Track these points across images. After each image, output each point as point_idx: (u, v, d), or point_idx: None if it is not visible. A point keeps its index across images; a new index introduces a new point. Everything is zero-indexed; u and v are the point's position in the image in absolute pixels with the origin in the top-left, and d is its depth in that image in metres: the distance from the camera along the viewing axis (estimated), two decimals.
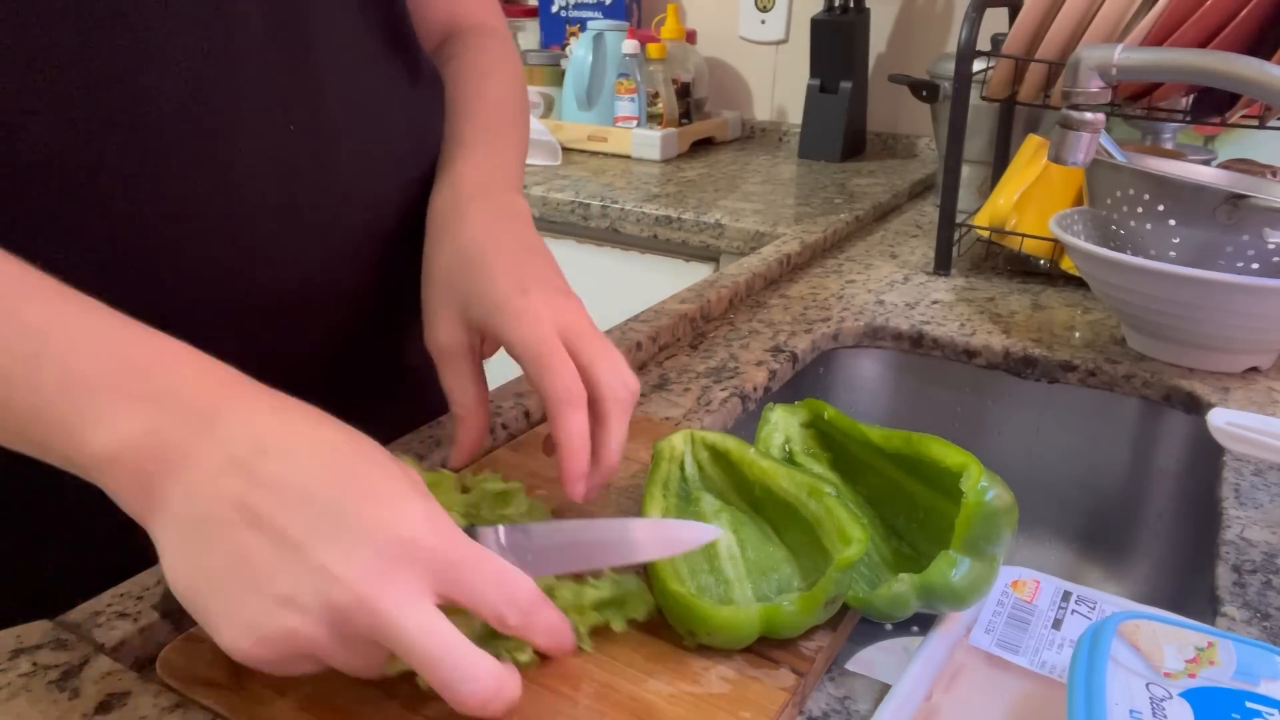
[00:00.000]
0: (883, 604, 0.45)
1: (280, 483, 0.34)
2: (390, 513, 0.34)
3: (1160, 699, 0.36)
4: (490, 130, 0.61)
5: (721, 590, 0.47)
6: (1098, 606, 0.49)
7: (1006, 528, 0.45)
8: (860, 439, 0.53)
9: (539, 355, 0.46)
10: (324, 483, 0.34)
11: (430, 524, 0.35)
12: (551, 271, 0.52)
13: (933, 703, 0.43)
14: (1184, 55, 0.69)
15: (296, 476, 0.34)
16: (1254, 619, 0.49)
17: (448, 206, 0.55)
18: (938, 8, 1.69)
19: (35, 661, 0.41)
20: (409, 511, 0.34)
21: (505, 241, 0.52)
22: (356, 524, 0.33)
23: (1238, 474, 0.63)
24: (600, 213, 1.33)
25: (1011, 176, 1.05)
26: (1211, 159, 1.12)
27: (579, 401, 0.46)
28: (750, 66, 1.87)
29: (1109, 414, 0.81)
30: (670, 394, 0.73)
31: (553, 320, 0.47)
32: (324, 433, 0.37)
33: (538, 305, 0.48)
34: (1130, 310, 0.80)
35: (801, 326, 0.88)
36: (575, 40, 1.74)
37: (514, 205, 0.57)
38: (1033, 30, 0.94)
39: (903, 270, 1.06)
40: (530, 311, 0.47)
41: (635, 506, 0.55)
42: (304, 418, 0.37)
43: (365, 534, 0.33)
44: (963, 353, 0.86)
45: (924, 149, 1.74)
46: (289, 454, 0.35)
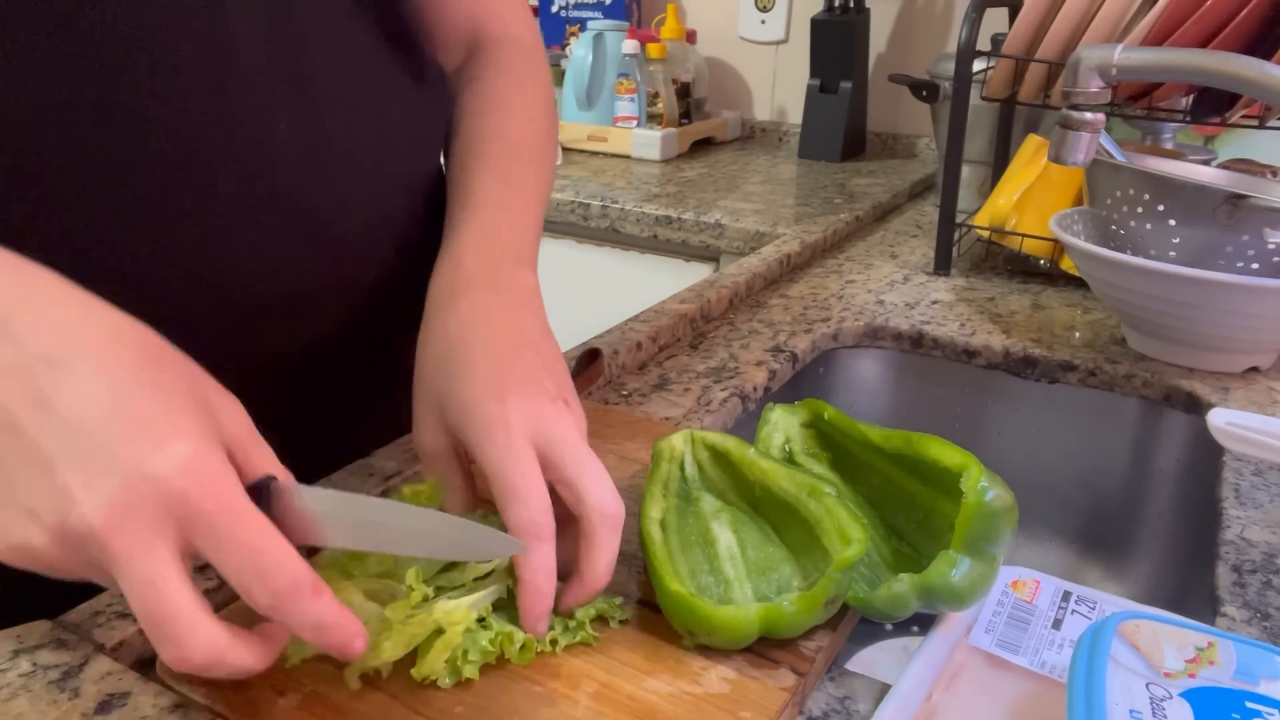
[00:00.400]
0: (883, 604, 0.45)
1: (51, 396, 0.33)
2: (149, 447, 0.32)
3: (1160, 699, 0.36)
4: (503, 179, 0.57)
5: (721, 590, 0.47)
6: (1098, 606, 0.49)
7: (1006, 528, 0.45)
8: (860, 439, 0.53)
9: (504, 477, 0.41)
10: (95, 404, 0.33)
11: (190, 466, 0.32)
12: (544, 372, 0.46)
13: (933, 703, 0.43)
14: (1184, 55, 0.69)
15: (70, 393, 0.33)
16: (1254, 619, 0.49)
17: (444, 291, 0.50)
18: (938, 8, 1.69)
19: (35, 661, 0.41)
20: (172, 450, 0.32)
21: (495, 338, 0.47)
22: (111, 452, 0.32)
23: (1238, 474, 0.63)
24: (600, 213, 1.33)
25: (1011, 176, 1.05)
26: (1211, 159, 1.12)
27: (546, 534, 0.41)
28: (750, 66, 1.87)
29: (1109, 414, 0.81)
30: (670, 394, 0.73)
31: (529, 433, 0.42)
32: (122, 352, 0.34)
33: (513, 415, 0.42)
34: (1130, 310, 0.80)
35: (801, 326, 0.88)
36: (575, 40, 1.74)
37: (517, 289, 0.51)
38: (1033, 30, 0.94)
39: (903, 270, 1.06)
40: (503, 423, 0.42)
41: (635, 506, 0.55)
42: (109, 333, 0.35)
43: (116, 464, 0.32)
44: (963, 353, 0.86)
45: (924, 149, 1.74)
46: (72, 368, 0.33)
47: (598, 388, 0.73)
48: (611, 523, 0.43)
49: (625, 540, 0.51)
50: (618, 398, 0.72)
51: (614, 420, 0.66)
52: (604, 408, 0.68)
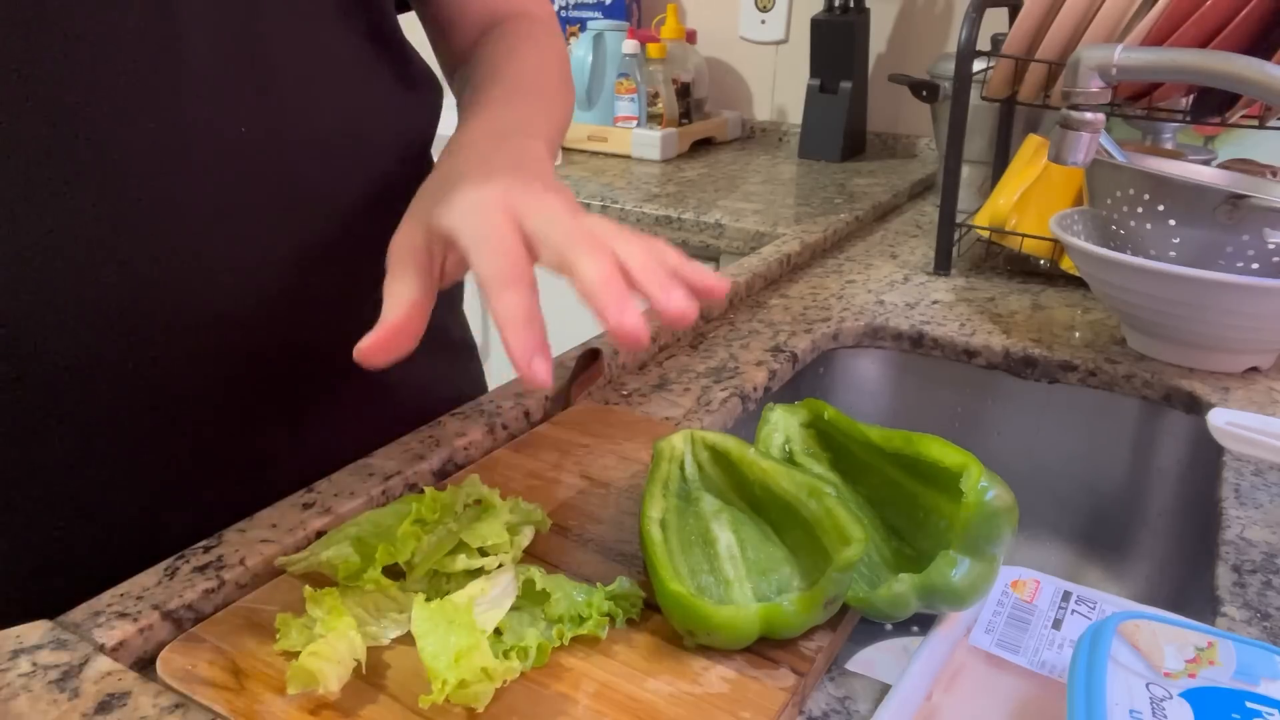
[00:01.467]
0: (883, 604, 0.45)
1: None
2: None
3: (1160, 699, 0.36)
4: (517, 92, 0.55)
5: (721, 590, 0.47)
6: (1098, 606, 0.49)
7: (1006, 528, 0.45)
8: (860, 439, 0.53)
9: (479, 241, 0.39)
10: None
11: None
12: (540, 177, 0.44)
13: (933, 703, 0.43)
14: (1184, 55, 0.69)
15: None
16: (1254, 619, 0.49)
17: (449, 150, 0.49)
18: (938, 8, 1.69)
19: (35, 661, 0.41)
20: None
21: (499, 161, 0.45)
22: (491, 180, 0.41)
23: (1238, 474, 0.63)
24: (600, 213, 1.33)
25: (1011, 176, 1.05)
26: (1211, 159, 1.12)
27: (515, 279, 0.37)
28: (750, 66, 1.87)
29: (1109, 414, 0.81)
30: (670, 394, 0.73)
31: (510, 207, 0.40)
32: None
33: (495, 191, 0.40)
34: (1130, 310, 0.80)
35: (801, 326, 0.88)
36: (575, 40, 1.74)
37: (528, 149, 0.48)
38: (1033, 30, 0.94)
39: (903, 270, 1.06)
40: (485, 197, 0.40)
41: (635, 506, 0.55)
42: None
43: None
44: (963, 353, 0.86)
45: (924, 149, 1.74)
46: None
47: (598, 388, 0.73)
48: (653, 255, 0.39)
49: (625, 540, 0.52)
50: (618, 398, 0.72)
51: (614, 420, 0.66)
52: (604, 408, 0.68)
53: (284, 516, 0.52)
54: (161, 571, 0.47)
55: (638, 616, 0.45)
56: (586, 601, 0.44)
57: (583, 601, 0.44)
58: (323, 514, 0.52)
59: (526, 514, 0.50)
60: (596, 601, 0.44)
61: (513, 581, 0.44)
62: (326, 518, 0.52)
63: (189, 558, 0.48)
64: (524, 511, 0.50)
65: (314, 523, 0.51)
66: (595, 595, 0.44)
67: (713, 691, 0.41)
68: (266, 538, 0.50)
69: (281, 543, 0.49)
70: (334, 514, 0.52)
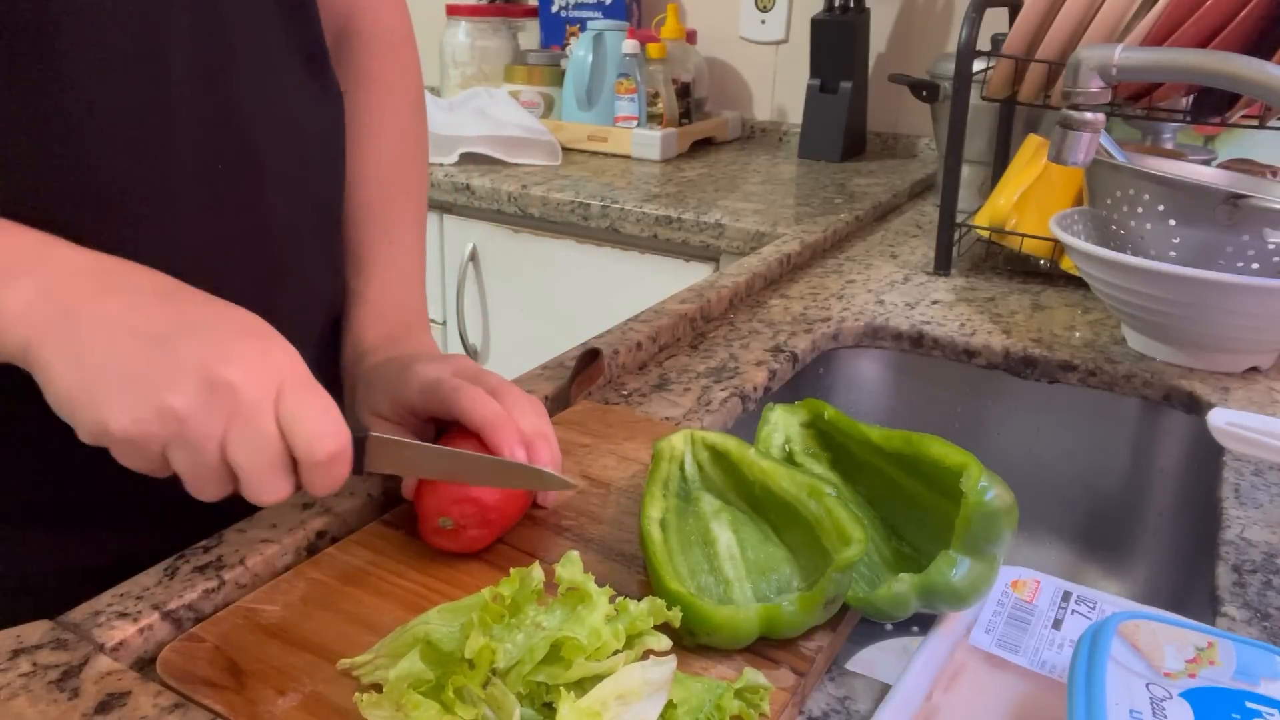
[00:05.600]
0: (883, 604, 0.45)
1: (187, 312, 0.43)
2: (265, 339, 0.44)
3: (1160, 699, 0.36)
4: (385, 231, 0.65)
5: (721, 590, 0.47)
6: (1098, 606, 0.49)
7: (1006, 528, 0.45)
8: (860, 439, 0.53)
9: (470, 404, 0.50)
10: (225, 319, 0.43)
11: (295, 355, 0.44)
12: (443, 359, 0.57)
13: (933, 703, 0.43)
14: (1184, 55, 0.69)
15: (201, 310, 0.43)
16: (1254, 619, 0.49)
17: (351, 360, 0.61)
18: (938, 8, 1.69)
19: (35, 661, 0.41)
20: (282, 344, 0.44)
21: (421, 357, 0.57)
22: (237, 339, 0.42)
23: (1238, 474, 0.63)
24: (600, 213, 1.33)
25: (1011, 176, 1.05)
26: (1211, 159, 1.12)
27: (503, 419, 0.50)
28: (750, 66, 1.87)
29: (1109, 414, 0.81)
30: (670, 394, 0.73)
31: (470, 380, 0.52)
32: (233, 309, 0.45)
33: (456, 375, 0.53)
34: (1130, 310, 0.80)
35: (801, 326, 0.88)
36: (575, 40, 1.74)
37: (425, 344, 0.63)
38: (1033, 30, 0.94)
39: (903, 270, 1.06)
40: (452, 380, 0.52)
41: (635, 506, 0.55)
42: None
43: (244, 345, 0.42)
44: (963, 353, 0.86)
45: (924, 149, 1.74)
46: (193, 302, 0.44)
47: (598, 388, 0.73)
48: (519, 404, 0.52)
49: (625, 540, 0.52)
50: (618, 398, 0.72)
51: (614, 420, 0.66)
52: (604, 408, 0.68)
53: (284, 516, 0.52)
54: (161, 571, 0.47)
55: (768, 712, 0.40)
56: (715, 704, 0.38)
57: (711, 705, 0.38)
58: (322, 514, 0.52)
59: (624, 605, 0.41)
60: (725, 703, 0.38)
61: (668, 681, 0.37)
62: (326, 517, 0.52)
63: (189, 558, 0.48)
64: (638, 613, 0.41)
65: (313, 523, 0.51)
66: (724, 696, 0.39)
67: None
68: (266, 538, 0.50)
69: (281, 542, 0.50)
70: (333, 514, 0.52)
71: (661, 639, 0.40)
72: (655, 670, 0.37)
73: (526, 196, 1.38)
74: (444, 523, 0.48)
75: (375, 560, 0.49)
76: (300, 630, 0.44)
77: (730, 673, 0.42)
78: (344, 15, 0.66)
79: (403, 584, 0.47)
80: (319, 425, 0.42)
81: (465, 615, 0.39)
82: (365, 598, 0.46)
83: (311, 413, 0.42)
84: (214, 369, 0.40)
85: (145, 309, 0.42)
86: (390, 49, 0.68)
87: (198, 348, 0.41)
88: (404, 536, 0.51)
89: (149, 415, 0.39)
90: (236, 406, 0.40)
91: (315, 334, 0.62)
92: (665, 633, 0.42)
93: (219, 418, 0.40)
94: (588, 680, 0.37)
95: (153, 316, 0.42)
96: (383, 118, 0.67)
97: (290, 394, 0.42)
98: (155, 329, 0.41)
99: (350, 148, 0.65)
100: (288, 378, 0.42)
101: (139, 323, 0.41)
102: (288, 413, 0.41)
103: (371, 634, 0.43)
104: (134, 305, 0.42)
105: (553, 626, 0.38)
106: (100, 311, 0.41)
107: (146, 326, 0.41)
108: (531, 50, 1.87)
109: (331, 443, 0.42)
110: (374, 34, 0.67)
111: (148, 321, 0.41)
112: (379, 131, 0.66)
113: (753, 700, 0.39)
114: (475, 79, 1.81)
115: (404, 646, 0.40)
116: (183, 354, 0.40)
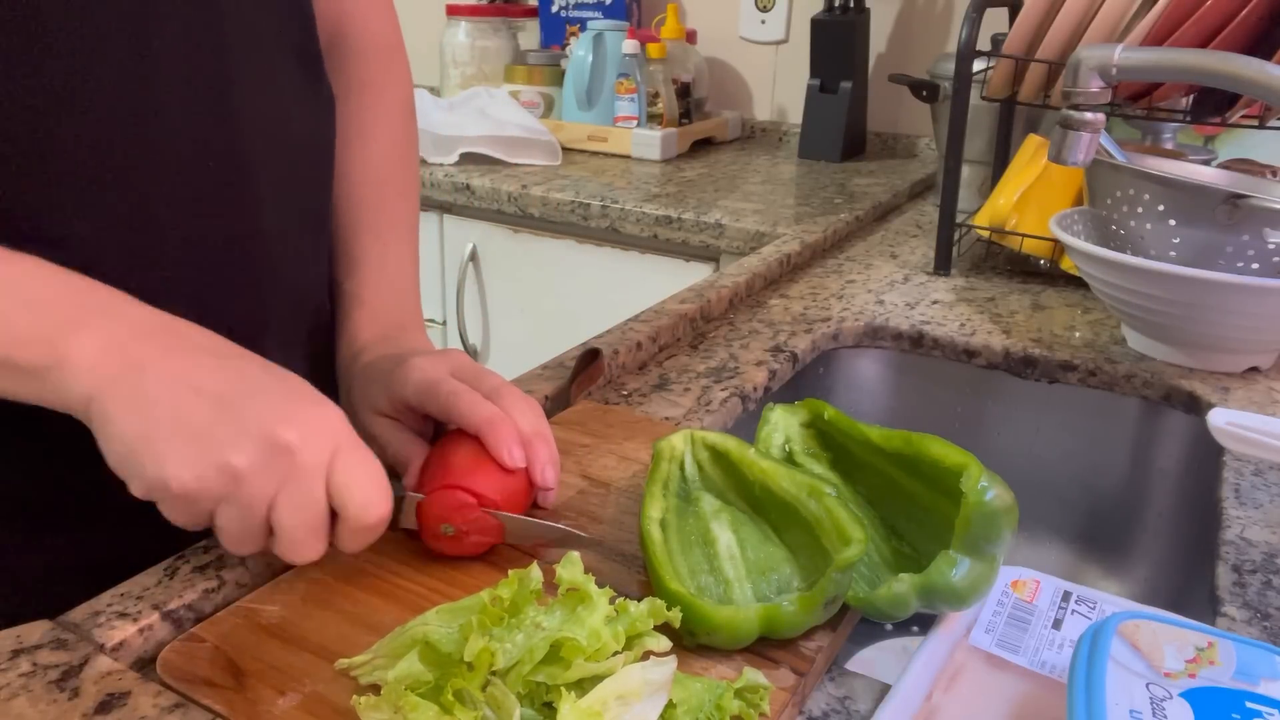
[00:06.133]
0: (883, 604, 0.45)
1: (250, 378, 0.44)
2: (317, 403, 0.45)
3: (1160, 699, 0.36)
4: (378, 234, 0.65)
5: (721, 590, 0.47)
6: (1098, 606, 0.49)
7: (1006, 528, 0.45)
8: (860, 439, 0.53)
9: (468, 405, 0.50)
10: (277, 382, 0.44)
11: (344, 420, 0.45)
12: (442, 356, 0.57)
13: (933, 703, 0.43)
14: (1184, 55, 0.69)
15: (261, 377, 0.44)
16: (1254, 619, 0.49)
17: (347, 360, 0.60)
18: (938, 8, 1.69)
19: (35, 661, 0.41)
20: (333, 409, 0.45)
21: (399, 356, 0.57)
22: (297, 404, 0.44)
23: (1238, 474, 0.63)
24: (600, 213, 1.33)
25: (1011, 176, 1.05)
26: (1211, 159, 1.12)
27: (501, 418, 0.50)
28: (750, 66, 1.87)
29: (1109, 414, 0.81)
30: (670, 394, 0.73)
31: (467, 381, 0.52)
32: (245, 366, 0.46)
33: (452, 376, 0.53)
34: (1130, 310, 0.80)
35: (801, 326, 0.88)
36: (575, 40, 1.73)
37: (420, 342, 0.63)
38: (1033, 30, 0.94)
39: (903, 270, 1.06)
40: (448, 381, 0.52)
41: (635, 506, 0.55)
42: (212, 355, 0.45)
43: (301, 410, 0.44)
44: (963, 353, 0.86)
45: (924, 149, 1.74)
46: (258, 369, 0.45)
47: (598, 388, 0.73)
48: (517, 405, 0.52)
49: (625, 540, 0.52)
50: (618, 398, 0.72)
51: (614, 420, 0.66)
52: (604, 408, 0.68)
53: None
54: (161, 571, 0.47)
55: (768, 712, 0.40)
56: (716, 704, 0.38)
57: (711, 705, 0.38)
58: None
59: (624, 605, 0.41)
60: (725, 703, 0.38)
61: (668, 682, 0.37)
62: None
63: (189, 558, 0.48)
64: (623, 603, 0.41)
65: None
66: (724, 696, 0.39)
67: None
68: None
69: None
70: None
71: (661, 639, 0.40)
72: (656, 671, 0.37)
73: (526, 196, 1.38)
74: (446, 529, 0.48)
75: (375, 560, 0.49)
76: (300, 630, 0.44)
77: (730, 673, 0.42)
78: (334, 22, 0.67)
79: (403, 584, 0.47)
80: (370, 492, 0.43)
81: (464, 616, 0.39)
82: (365, 598, 0.46)
83: (364, 479, 0.43)
84: (275, 431, 0.41)
85: (209, 368, 0.43)
86: (380, 55, 0.69)
87: (259, 409, 0.42)
88: (404, 536, 0.51)
89: (210, 472, 0.40)
90: (292, 470, 0.41)
91: (305, 333, 0.62)
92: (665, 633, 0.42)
93: (275, 479, 0.41)
94: (587, 681, 0.37)
95: (216, 376, 0.43)
96: (375, 121, 0.67)
97: (345, 458, 0.43)
98: (219, 389, 0.42)
99: (341, 150, 0.65)
100: (342, 442, 0.43)
101: (204, 382, 0.42)
102: (342, 477, 0.43)
103: (371, 634, 0.43)
104: (199, 364, 0.43)
105: (552, 627, 0.38)
106: (166, 368, 0.42)
107: (211, 386, 0.42)
108: (531, 50, 1.87)
109: (381, 510, 0.44)
110: (364, 40, 0.68)
111: (212, 381, 0.42)
112: (371, 134, 0.67)
113: (753, 700, 0.40)
114: (475, 79, 1.81)
115: (402, 647, 0.40)
116: (246, 414, 0.41)
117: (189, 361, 0.43)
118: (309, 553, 0.43)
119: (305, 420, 0.42)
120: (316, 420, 0.43)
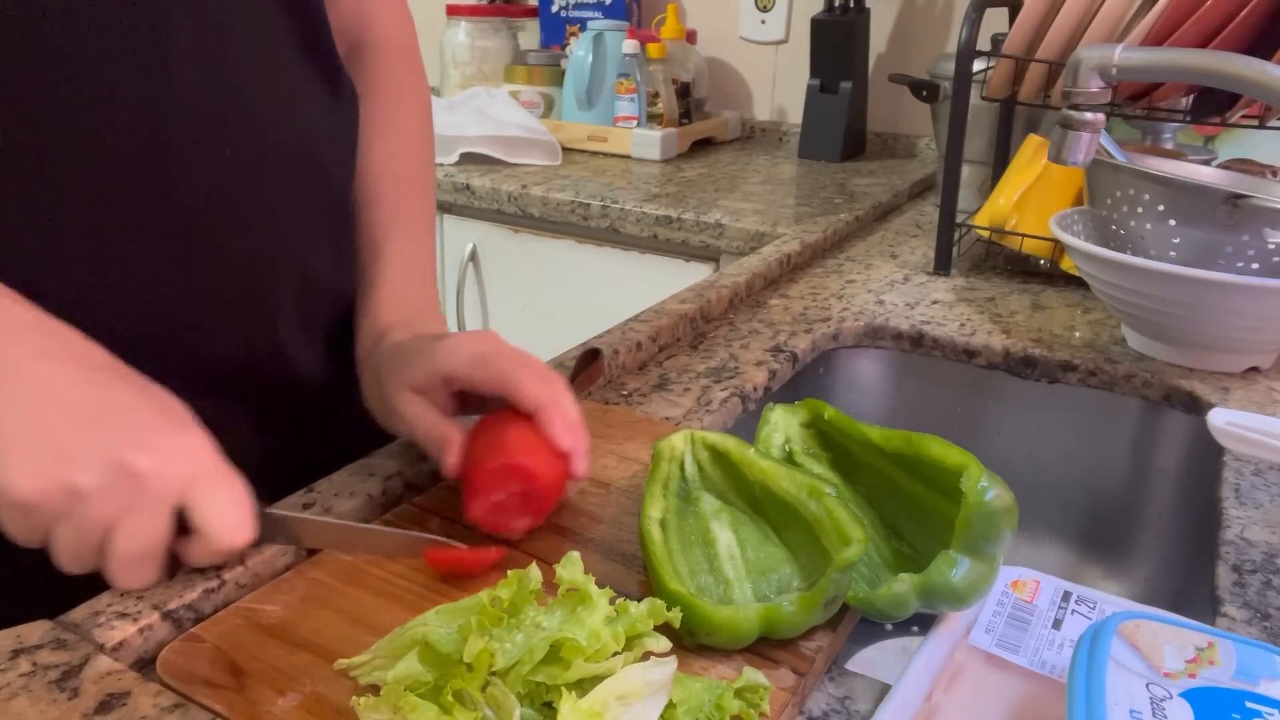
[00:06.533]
0: (883, 604, 0.45)
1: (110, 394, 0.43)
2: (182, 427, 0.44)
3: (1160, 699, 0.36)
4: (400, 224, 0.65)
5: (721, 590, 0.47)
6: (1098, 606, 0.49)
7: (1006, 528, 0.45)
8: (860, 439, 0.53)
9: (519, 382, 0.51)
10: (141, 400, 0.43)
11: (207, 444, 0.44)
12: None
13: (933, 703, 0.43)
14: (1184, 55, 0.69)
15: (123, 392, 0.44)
16: (1254, 619, 0.49)
17: (368, 344, 0.60)
18: (938, 8, 1.69)
19: (35, 661, 0.41)
20: (197, 432, 0.44)
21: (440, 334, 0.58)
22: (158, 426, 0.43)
23: (1238, 474, 0.63)
24: (600, 213, 1.33)
25: (1011, 176, 1.05)
26: (1211, 159, 1.12)
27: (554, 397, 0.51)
28: (750, 66, 1.87)
29: (1109, 414, 0.81)
30: (670, 394, 0.73)
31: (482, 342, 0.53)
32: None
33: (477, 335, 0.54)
34: (1130, 310, 0.80)
35: (801, 326, 0.88)
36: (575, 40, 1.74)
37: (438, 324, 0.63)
38: (1033, 30, 0.94)
39: (903, 270, 1.06)
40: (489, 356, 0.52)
41: (635, 506, 0.55)
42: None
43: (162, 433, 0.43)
44: (963, 353, 0.86)
45: (924, 149, 1.74)
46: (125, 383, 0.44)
47: (598, 388, 0.73)
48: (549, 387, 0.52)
49: (625, 540, 0.52)
50: (618, 398, 0.72)
51: (614, 420, 0.66)
52: (604, 408, 0.68)
53: None
54: None
55: (768, 712, 0.40)
56: (716, 704, 0.38)
57: (711, 705, 0.38)
58: (322, 514, 0.52)
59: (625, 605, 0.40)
60: (725, 703, 0.38)
61: (668, 682, 0.37)
62: (326, 517, 0.52)
63: None
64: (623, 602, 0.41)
65: None
66: (724, 696, 0.39)
67: None
68: None
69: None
70: (334, 513, 0.52)
71: (661, 640, 0.40)
72: (656, 671, 0.37)
73: (526, 196, 1.38)
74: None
75: (375, 560, 0.49)
76: (300, 630, 0.44)
77: (730, 673, 0.42)
78: (358, 31, 0.69)
79: (402, 584, 0.47)
80: (231, 518, 0.43)
81: (463, 617, 0.39)
82: (365, 598, 0.46)
83: (227, 503, 0.43)
84: (128, 455, 0.41)
85: (77, 379, 0.42)
86: (398, 58, 0.70)
87: (118, 430, 0.41)
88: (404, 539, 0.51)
89: (51, 486, 0.40)
90: (138, 497, 0.41)
91: (317, 322, 0.62)
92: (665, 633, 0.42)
93: (117, 504, 0.41)
94: (587, 681, 0.37)
95: (83, 389, 0.42)
96: (394, 118, 0.68)
97: (205, 485, 0.43)
98: (82, 403, 0.41)
99: (363, 145, 0.66)
100: (200, 470, 0.43)
101: (68, 393, 0.41)
102: (205, 503, 0.42)
103: (371, 634, 0.43)
104: (68, 372, 0.42)
105: (552, 627, 0.38)
106: (33, 371, 0.41)
107: (74, 398, 0.41)
108: (531, 50, 1.87)
109: (244, 535, 0.44)
110: (384, 46, 0.70)
111: (77, 393, 0.42)
112: (391, 130, 0.68)
113: (753, 700, 0.39)
114: (475, 79, 1.81)
115: (402, 648, 0.40)
116: (102, 434, 0.41)
117: (58, 368, 0.42)
118: (135, 581, 0.43)
119: (163, 447, 0.42)
120: (177, 447, 0.42)
